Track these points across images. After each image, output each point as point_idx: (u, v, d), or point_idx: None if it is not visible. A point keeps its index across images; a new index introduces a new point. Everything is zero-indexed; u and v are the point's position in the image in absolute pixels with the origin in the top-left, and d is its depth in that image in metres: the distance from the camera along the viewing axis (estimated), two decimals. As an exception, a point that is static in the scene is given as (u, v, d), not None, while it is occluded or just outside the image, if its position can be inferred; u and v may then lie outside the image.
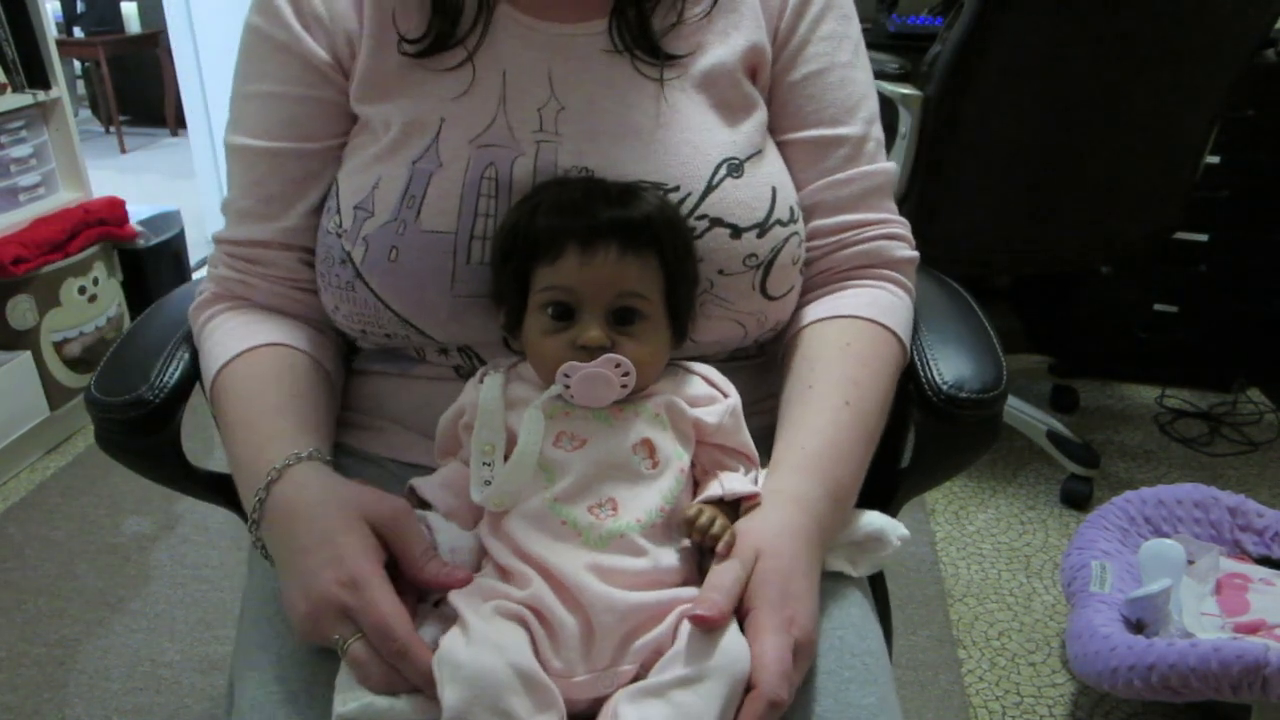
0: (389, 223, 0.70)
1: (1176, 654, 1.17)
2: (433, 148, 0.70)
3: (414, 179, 0.70)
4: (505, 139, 0.71)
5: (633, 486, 0.62)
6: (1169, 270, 2.16)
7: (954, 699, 1.43)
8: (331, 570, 0.58)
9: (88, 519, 1.84)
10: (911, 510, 1.85)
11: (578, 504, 0.61)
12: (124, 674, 1.46)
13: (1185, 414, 2.22)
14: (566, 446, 0.62)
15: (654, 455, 0.63)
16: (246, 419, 0.70)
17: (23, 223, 1.99)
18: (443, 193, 0.69)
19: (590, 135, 0.71)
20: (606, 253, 0.62)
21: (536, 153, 0.70)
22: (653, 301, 0.64)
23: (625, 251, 0.62)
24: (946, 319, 0.82)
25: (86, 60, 5.21)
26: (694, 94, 0.73)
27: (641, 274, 0.63)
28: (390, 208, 0.70)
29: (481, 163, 0.70)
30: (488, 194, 0.70)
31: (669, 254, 0.65)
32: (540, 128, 0.71)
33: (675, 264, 0.66)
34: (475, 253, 0.69)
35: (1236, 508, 1.50)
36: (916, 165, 1.72)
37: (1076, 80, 1.62)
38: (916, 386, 0.76)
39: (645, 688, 0.55)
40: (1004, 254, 1.88)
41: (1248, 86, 1.88)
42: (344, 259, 0.72)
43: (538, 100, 0.72)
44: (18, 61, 1.98)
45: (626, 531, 0.60)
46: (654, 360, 0.65)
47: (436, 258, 0.69)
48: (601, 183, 0.68)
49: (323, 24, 0.73)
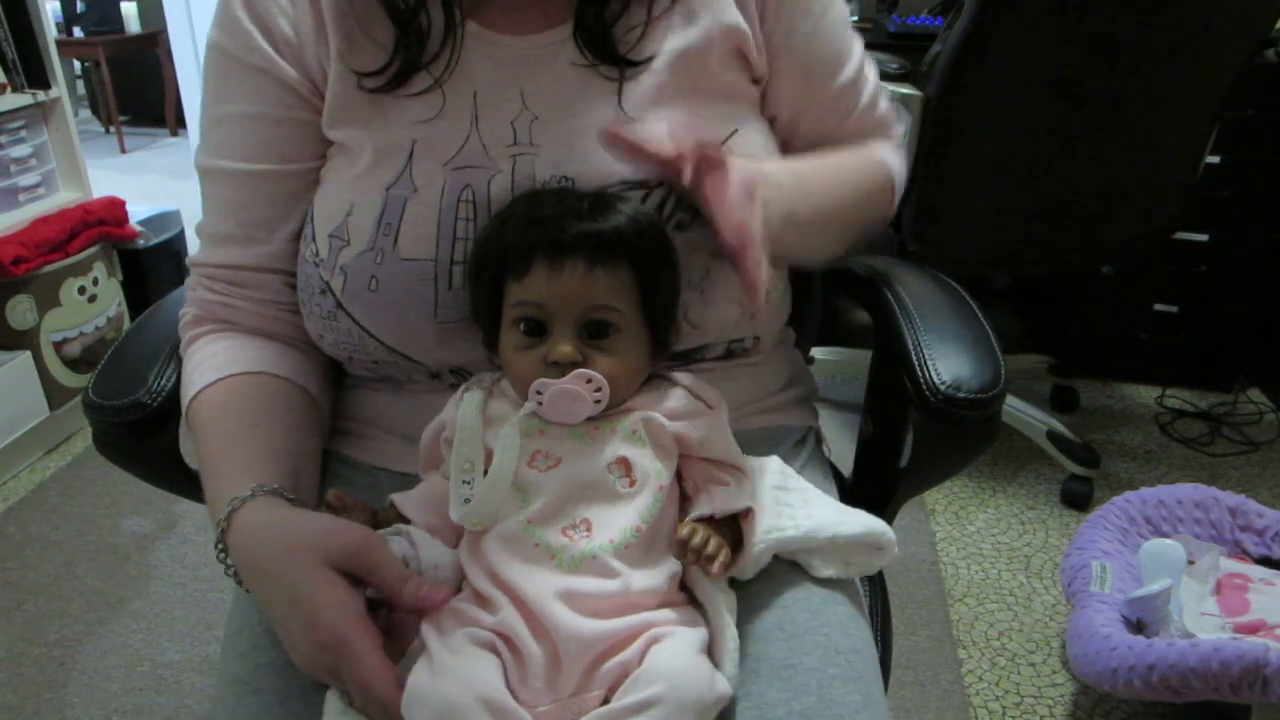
0: (366, 251, 0.68)
1: (1177, 654, 1.17)
2: (406, 172, 0.69)
3: (388, 206, 0.68)
4: (480, 159, 0.69)
5: (608, 507, 0.61)
6: (1169, 270, 2.16)
7: (954, 699, 1.43)
8: (308, 635, 0.56)
9: (88, 519, 1.84)
10: (911, 510, 1.85)
11: (551, 526, 0.60)
12: (124, 674, 1.46)
13: (1185, 414, 2.22)
14: (541, 466, 0.62)
15: (630, 473, 0.62)
16: (205, 455, 0.68)
17: (23, 223, 1.99)
18: (419, 219, 0.68)
19: (567, 143, 0.69)
20: (574, 266, 0.61)
21: (514, 167, 0.69)
22: (626, 314, 0.63)
23: (594, 264, 0.61)
24: (945, 319, 0.82)
25: (86, 60, 5.21)
26: (664, 88, 0.72)
27: (612, 286, 0.62)
28: (366, 236, 0.69)
29: (458, 186, 0.69)
30: (466, 217, 0.68)
31: (642, 265, 0.63)
32: (515, 140, 0.70)
33: (649, 275, 0.64)
34: (457, 278, 0.68)
35: (1237, 508, 1.50)
36: (916, 165, 1.72)
37: (1076, 80, 1.62)
38: (915, 386, 0.76)
39: (605, 714, 0.55)
40: (1004, 254, 1.88)
41: (1248, 86, 1.88)
42: (324, 289, 0.71)
43: (510, 113, 0.70)
44: (18, 61, 1.98)
45: (599, 553, 0.59)
46: (629, 375, 0.64)
47: (417, 286, 0.68)
48: (573, 193, 0.66)
49: (292, 47, 0.71)
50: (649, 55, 0.72)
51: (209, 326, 0.75)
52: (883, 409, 0.90)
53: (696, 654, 0.57)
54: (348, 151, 0.72)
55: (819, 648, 0.63)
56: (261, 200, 0.73)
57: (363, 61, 0.70)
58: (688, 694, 0.55)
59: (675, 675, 0.55)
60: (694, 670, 0.56)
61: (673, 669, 0.55)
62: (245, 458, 0.67)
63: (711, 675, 0.57)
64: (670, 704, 0.54)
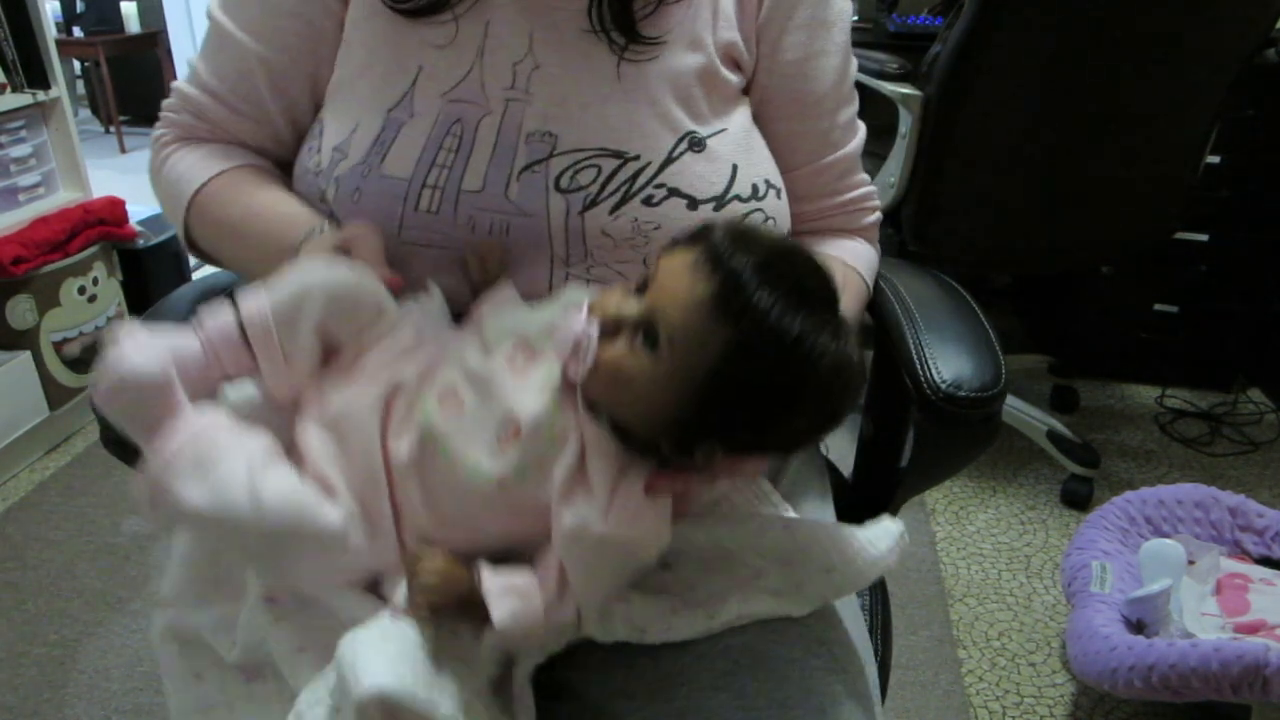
0: (358, 164, 0.71)
1: (1177, 654, 1.17)
2: (408, 97, 0.72)
3: (386, 126, 0.71)
4: (476, 94, 0.71)
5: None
6: (1169, 270, 2.16)
7: (954, 699, 1.43)
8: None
9: (88, 519, 1.83)
10: (911, 510, 1.85)
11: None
12: (124, 674, 1.46)
13: (1185, 414, 2.22)
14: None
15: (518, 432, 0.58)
16: (255, 209, 0.74)
17: (23, 223, 1.99)
18: (408, 141, 0.71)
19: (559, 99, 0.71)
20: (700, 282, 0.53)
21: (504, 111, 0.71)
22: (675, 358, 0.54)
23: (711, 298, 0.53)
24: (945, 318, 0.82)
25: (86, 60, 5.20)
26: (665, 79, 0.73)
27: (695, 327, 0.53)
28: (362, 151, 0.71)
29: (450, 118, 0.71)
30: (449, 148, 0.70)
31: (740, 354, 0.53)
32: (513, 84, 0.71)
33: (737, 372, 0.53)
34: (424, 200, 0.70)
35: (1237, 508, 1.50)
36: (916, 165, 1.72)
37: (1076, 80, 1.62)
38: (915, 385, 0.76)
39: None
40: (1004, 254, 1.88)
41: (1248, 86, 1.88)
42: (320, 197, 0.73)
43: (515, 54, 0.72)
44: (18, 61, 1.98)
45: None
46: (612, 390, 0.57)
47: (389, 202, 0.70)
48: (818, 275, 0.57)
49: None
50: (660, 34, 0.73)
51: (190, 142, 0.80)
52: (883, 408, 0.90)
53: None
54: (358, 63, 0.74)
55: (802, 639, 0.63)
56: (262, 82, 0.77)
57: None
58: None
59: None
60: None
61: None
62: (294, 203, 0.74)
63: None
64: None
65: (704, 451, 0.56)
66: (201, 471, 0.55)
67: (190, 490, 0.54)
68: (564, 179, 0.69)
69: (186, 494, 0.54)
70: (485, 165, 0.70)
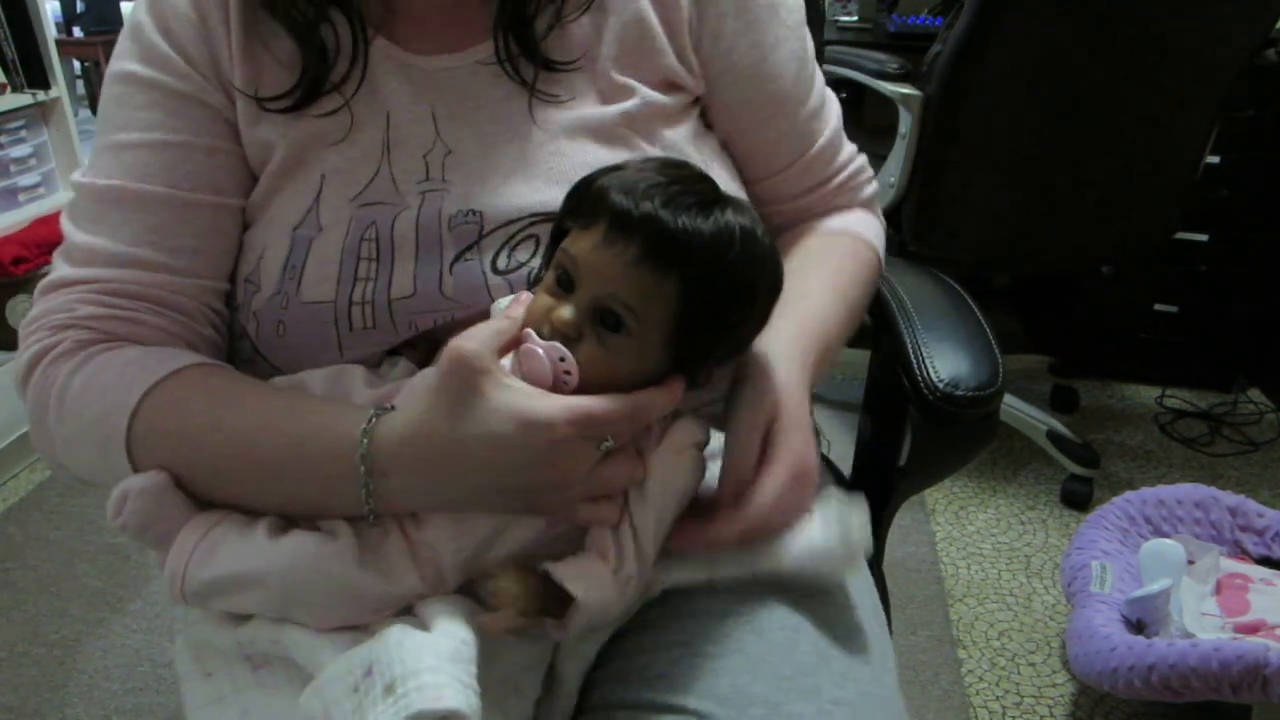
0: (274, 295, 0.66)
1: (1177, 654, 1.17)
2: (313, 211, 0.66)
3: (294, 247, 0.66)
4: (389, 194, 0.66)
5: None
6: (1169, 270, 2.16)
7: (954, 699, 1.43)
8: (547, 431, 0.53)
9: (88, 519, 1.84)
10: (911, 510, 1.85)
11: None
12: (124, 674, 1.46)
13: (1185, 414, 2.22)
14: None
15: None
16: (267, 413, 0.61)
17: (23, 223, 1.99)
18: (322, 259, 0.65)
19: (480, 177, 0.66)
20: (623, 248, 0.54)
21: (421, 204, 0.66)
22: (645, 325, 0.55)
23: (644, 259, 0.54)
24: (943, 317, 0.82)
25: (86, 60, 5.21)
26: (586, 129, 0.69)
27: (646, 291, 0.54)
28: (274, 280, 0.66)
29: (362, 224, 0.65)
30: (368, 257, 0.65)
31: (694, 290, 0.54)
32: (426, 176, 0.67)
33: (700, 306, 0.55)
34: (356, 319, 0.65)
35: (1237, 508, 1.50)
36: (916, 165, 1.72)
37: (1076, 80, 1.62)
38: (913, 385, 0.76)
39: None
40: (1004, 254, 1.88)
41: (1248, 86, 1.88)
42: (242, 334, 0.69)
43: (423, 145, 0.67)
44: (18, 61, 1.98)
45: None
46: (609, 379, 0.56)
47: (319, 328, 0.65)
48: (704, 181, 0.58)
49: (217, 72, 0.67)
50: (572, 58, 0.69)
51: (103, 347, 0.64)
52: (882, 408, 0.90)
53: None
54: (261, 181, 0.68)
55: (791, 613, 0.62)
56: (189, 231, 0.67)
57: (269, 85, 0.67)
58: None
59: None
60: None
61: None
62: (304, 402, 0.62)
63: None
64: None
65: (704, 374, 0.60)
66: (218, 550, 0.58)
67: (210, 567, 0.58)
68: (500, 260, 0.65)
69: (208, 570, 0.58)
70: (411, 266, 0.64)
